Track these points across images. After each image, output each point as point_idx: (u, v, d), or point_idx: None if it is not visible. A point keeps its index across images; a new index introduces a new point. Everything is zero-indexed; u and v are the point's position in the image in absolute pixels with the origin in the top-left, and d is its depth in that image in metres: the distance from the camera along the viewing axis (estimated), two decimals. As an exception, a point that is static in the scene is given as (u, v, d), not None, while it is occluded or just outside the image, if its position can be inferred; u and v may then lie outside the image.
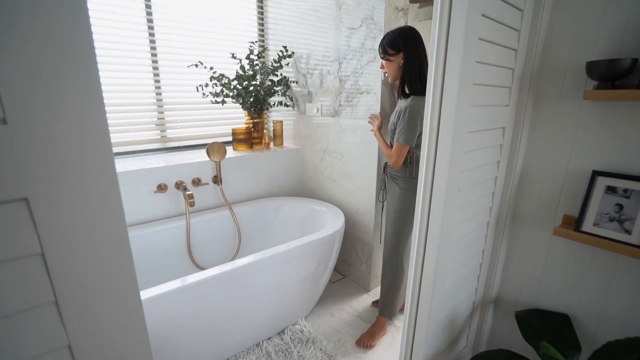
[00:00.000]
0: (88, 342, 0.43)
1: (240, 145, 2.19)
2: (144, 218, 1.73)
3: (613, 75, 0.94)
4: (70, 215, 0.38)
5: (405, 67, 1.34)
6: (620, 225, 0.98)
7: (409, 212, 1.49)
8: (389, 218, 1.57)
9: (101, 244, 0.43)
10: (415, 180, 1.46)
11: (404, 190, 1.48)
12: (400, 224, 1.52)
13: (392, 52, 1.34)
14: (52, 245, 0.37)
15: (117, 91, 1.85)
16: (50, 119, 0.35)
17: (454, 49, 0.81)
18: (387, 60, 1.38)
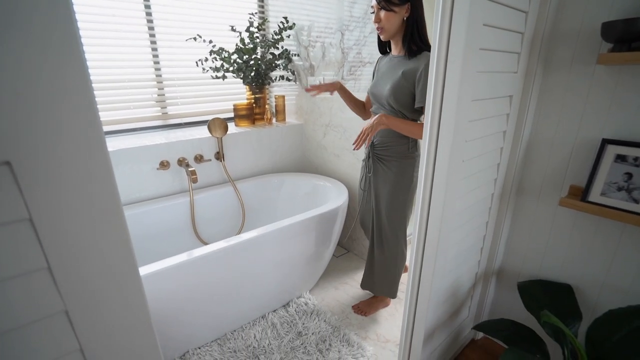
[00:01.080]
0: (82, 309, 0.44)
1: (242, 121, 2.17)
2: (148, 195, 1.74)
3: (630, 36, 0.89)
4: (57, 181, 0.38)
5: (415, 20, 1.17)
6: (629, 194, 0.96)
7: (406, 201, 1.37)
8: (380, 208, 1.41)
9: (92, 210, 0.42)
10: (413, 158, 1.32)
11: (399, 175, 1.32)
12: (398, 214, 1.39)
13: (397, 1, 1.13)
14: (40, 211, 0.37)
15: (115, 67, 1.81)
16: (32, 78, 0.34)
17: (459, 11, 0.77)
18: (389, 11, 1.14)
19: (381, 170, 1.37)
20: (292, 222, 1.49)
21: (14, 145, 0.33)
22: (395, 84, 1.21)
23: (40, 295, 0.38)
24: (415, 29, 1.17)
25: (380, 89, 1.29)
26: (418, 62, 1.17)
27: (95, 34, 1.71)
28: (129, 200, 1.69)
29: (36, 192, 0.35)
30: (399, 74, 1.21)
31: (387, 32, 1.20)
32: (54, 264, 0.38)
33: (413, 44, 1.19)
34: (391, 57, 1.31)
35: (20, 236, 0.36)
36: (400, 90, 1.21)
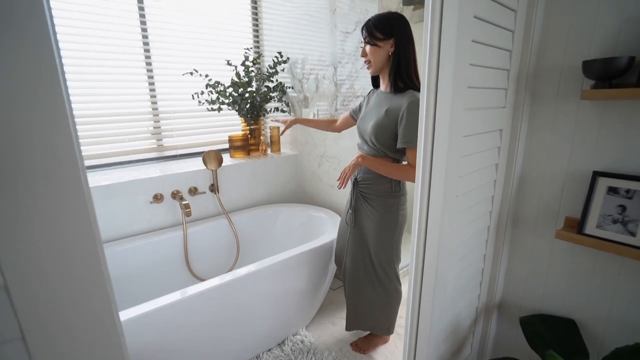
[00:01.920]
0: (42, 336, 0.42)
1: (237, 152, 2.18)
2: (140, 229, 1.71)
3: (609, 74, 0.92)
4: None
5: (400, 56, 1.15)
6: (624, 227, 0.96)
7: (393, 241, 1.33)
8: (365, 249, 1.37)
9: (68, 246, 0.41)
10: (397, 197, 1.27)
11: (383, 214, 1.27)
12: (385, 255, 1.35)
13: (380, 36, 1.13)
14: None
15: (111, 101, 1.84)
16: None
17: (446, 52, 0.80)
18: (373, 45, 1.15)
19: (365, 208, 1.33)
20: (288, 256, 1.46)
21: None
22: (378, 122, 1.19)
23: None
24: (402, 64, 1.16)
25: (364, 125, 1.27)
26: (402, 101, 1.14)
27: (92, 69, 1.75)
28: (121, 235, 1.66)
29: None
30: (382, 112, 1.18)
31: (373, 66, 1.20)
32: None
33: (399, 79, 1.17)
34: (379, 92, 1.30)
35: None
36: (383, 129, 1.18)
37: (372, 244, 1.37)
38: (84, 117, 1.76)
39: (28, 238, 0.39)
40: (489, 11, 0.88)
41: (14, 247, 0.38)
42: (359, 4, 1.66)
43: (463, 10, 0.78)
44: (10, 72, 0.36)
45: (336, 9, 1.79)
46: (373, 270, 1.41)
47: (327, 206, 2.12)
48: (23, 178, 0.38)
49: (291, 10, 2.08)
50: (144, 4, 1.86)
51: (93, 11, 1.69)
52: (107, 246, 1.58)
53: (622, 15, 0.93)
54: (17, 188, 0.37)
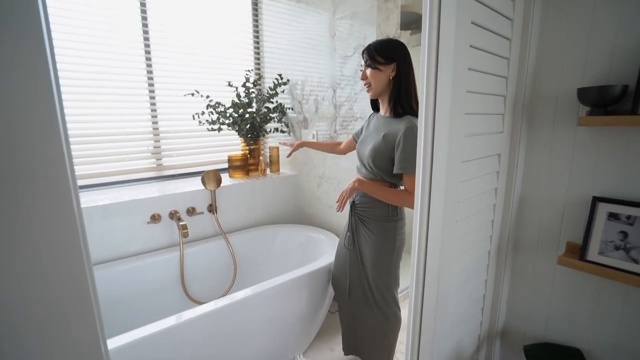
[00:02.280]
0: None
1: (237, 172, 2.18)
2: (137, 250, 1.69)
3: (604, 101, 0.93)
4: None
5: (400, 81, 1.16)
6: (627, 253, 0.94)
7: (391, 266, 1.30)
8: (362, 273, 1.34)
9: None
10: (394, 222, 1.26)
11: (380, 238, 1.26)
12: (383, 280, 1.31)
13: (382, 60, 1.15)
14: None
15: (113, 120, 1.85)
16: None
17: (443, 80, 0.81)
18: (375, 69, 1.16)
19: (363, 231, 1.32)
20: (286, 280, 1.43)
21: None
22: (376, 147, 1.19)
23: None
24: (402, 89, 1.17)
25: (363, 149, 1.27)
26: (399, 126, 1.14)
27: (94, 89, 1.77)
28: (116, 256, 1.64)
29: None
30: (380, 137, 1.18)
31: (373, 90, 1.21)
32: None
33: (399, 105, 1.18)
34: (379, 116, 1.30)
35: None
36: (380, 153, 1.18)
37: (369, 268, 1.35)
38: (85, 136, 1.78)
39: (11, 262, 0.38)
40: (484, 39, 0.90)
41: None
42: (358, 30, 1.70)
43: (459, 39, 0.80)
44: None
45: (335, 33, 1.83)
46: (371, 294, 1.38)
47: (326, 227, 2.10)
48: (10, 197, 0.37)
49: (292, 34, 2.13)
50: (148, 28, 1.91)
51: (98, 34, 1.73)
52: (102, 267, 1.55)
53: (614, 45, 0.95)
54: (4, 207, 0.36)
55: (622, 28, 0.94)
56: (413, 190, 1.09)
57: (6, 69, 0.35)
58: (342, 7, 1.76)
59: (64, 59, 1.65)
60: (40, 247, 0.40)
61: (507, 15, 0.98)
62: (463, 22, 0.80)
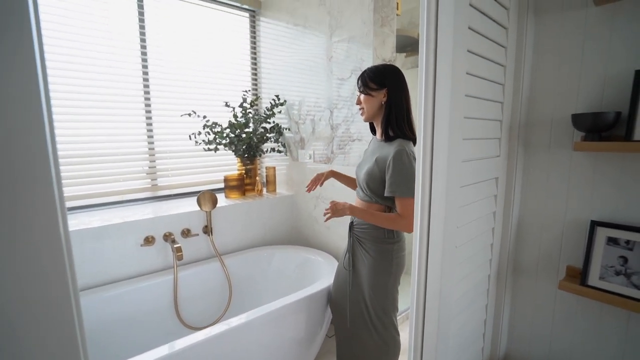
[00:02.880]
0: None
1: (233, 193, 2.16)
2: (129, 273, 1.65)
3: (599, 127, 0.95)
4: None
5: (391, 106, 1.19)
6: (628, 279, 0.94)
7: (387, 290, 1.28)
8: (360, 295, 1.32)
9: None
10: (390, 244, 1.25)
11: (376, 260, 1.25)
12: (380, 304, 1.29)
13: (374, 86, 1.19)
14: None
15: (109, 141, 1.84)
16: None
17: (441, 107, 0.82)
18: (367, 95, 1.21)
19: (360, 252, 1.32)
20: (283, 304, 1.39)
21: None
22: (369, 170, 1.21)
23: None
24: (392, 113, 1.19)
25: (359, 172, 1.29)
26: (390, 150, 1.16)
27: (91, 110, 1.77)
28: (108, 280, 1.59)
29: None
30: (373, 160, 1.21)
31: (366, 114, 1.25)
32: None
33: (390, 128, 1.20)
34: (375, 139, 1.32)
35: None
36: (373, 176, 1.20)
37: (367, 290, 1.32)
38: (79, 156, 1.76)
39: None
40: (480, 67, 0.92)
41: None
42: (354, 53, 1.73)
43: (456, 67, 0.81)
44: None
45: (332, 56, 1.87)
46: (369, 317, 1.35)
47: (324, 248, 2.07)
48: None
49: (290, 56, 2.17)
50: (146, 48, 1.93)
51: (96, 54, 1.74)
52: (93, 292, 1.51)
53: (605, 73, 0.98)
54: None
55: (612, 57, 0.96)
56: (404, 213, 1.12)
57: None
58: (339, 31, 1.80)
59: (58, 80, 1.65)
60: (23, 274, 0.38)
61: (501, 43, 1.00)
62: (460, 49, 0.82)
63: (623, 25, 0.94)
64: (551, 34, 1.07)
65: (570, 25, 1.03)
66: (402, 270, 1.34)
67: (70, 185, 1.73)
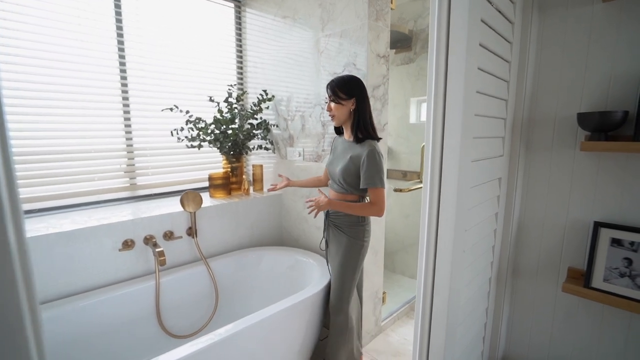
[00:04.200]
0: None
1: (218, 192, 2.06)
2: (106, 280, 1.52)
3: (606, 127, 0.93)
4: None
5: (359, 113, 1.36)
6: (632, 281, 0.93)
7: (357, 262, 1.44)
8: (334, 268, 1.48)
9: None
10: (363, 226, 1.43)
11: (351, 238, 1.42)
12: (348, 274, 1.43)
13: (344, 96, 1.35)
14: None
15: (82, 137, 1.70)
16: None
17: (453, 103, 0.77)
18: (337, 103, 1.37)
19: (337, 233, 1.48)
20: (274, 312, 1.32)
21: None
22: (345, 166, 1.37)
23: None
24: (360, 119, 1.36)
25: (333, 168, 1.45)
26: (362, 149, 1.33)
27: (62, 103, 1.62)
28: (82, 288, 1.46)
29: None
30: (347, 158, 1.37)
31: (337, 119, 1.41)
32: None
33: (359, 131, 1.36)
34: (344, 140, 1.47)
35: None
36: (348, 171, 1.37)
37: (336, 266, 1.46)
38: (48, 154, 1.61)
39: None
40: (490, 62, 0.88)
41: None
42: (347, 47, 1.67)
43: (470, 61, 0.76)
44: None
45: (323, 51, 1.79)
46: (337, 293, 1.47)
47: (313, 249, 2.01)
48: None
49: (278, 50, 2.08)
50: (123, 37, 1.79)
51: (67, 42, 1.60)
52: (67, 302, 1.38)
53: (611, 71, 0.96)
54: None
55: (618, 55, 0.95)
56: (376, 201, 1.32)
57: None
58: (331, 24, 1.73)
59: (24, 68, 1.50)
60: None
61: (508, 38, 0.97)
62: (473, 42, 0.77)
63: (631, 22, 0.92)
64: (556, 31, 1.04)
65: (575, 22, 1.00)
66: (367, 251, 1.48)
67: (39, 185, 1.59)
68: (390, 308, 2.10)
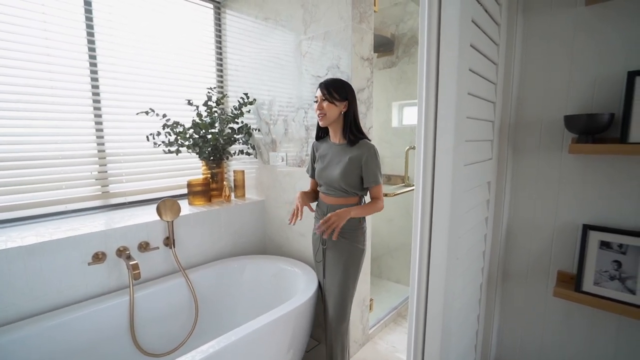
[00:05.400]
0: None
1: (197, 199, 1.97)
2: (74, 297, 1.40)
3: (593, 129, 0.93)
4: None
5: (350, 115, 1.38)
6: (622, 284, 0.92)
7: (359, 268, 1.42)
8: (335, 277, 1.42)
9: None
10: (362, 229, 1.42)
11: (353, 243, 1.40)
12: (350, 282, 1.41)
13: (338, 97, 1.35)
14: None
15: (48, 142, 1.58)
16: None
17: (445, 105, 0.74)
18: (331, 103, 1.35)
19: (337, 240, 1.42)
20: (258, 326, 1.25)
21: None
22: (345, 169, 1.36)
23: None
24: (352, 121, 1.37)
25: (330, 173, 1.41)
26: (361, 150, 1.35)
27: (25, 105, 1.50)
28: (47, 307, 1.34)
29: None
30: (346, 160, 1.36)
31: (327, 119, 1.38)
32: None
33: (351, 134, 1.37)
34: (332, 144, 1.44)
35: None
36: (350, 173, 1.36)
37: (339, 280, 1.41)
38: (11, 160, 1.48)
39: None
40: (479, 65, 0.85)
41: None
42: (331, 50, 1.63)
43: (461, 63, 0.74)
44: None
45: (306, 53, 1.75)
46: (338, 302, 1.42)
47: (297, 256, 1.95)
48: None
49: (258, 52, 2.02)
50: (94, 37, 1.69)
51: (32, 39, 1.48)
52: (32, 322, 1.26)
53: (596, 73, 0.96)
54: None
55: (603, 57, 0.95)
56: (379, 196, 1.37)
57: None
58: (314, 26, 1.69)
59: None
60: None
61: (495, 39, 0.95)
62: (464, 43, 0.74)
63: (614, 25, 0.92)
64: (540, 33, 1.04)
65: (559, 24, 1.01)
66: (365, 254, 1.46)
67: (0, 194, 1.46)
68: (378, 315, 2.07)
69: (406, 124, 2.54)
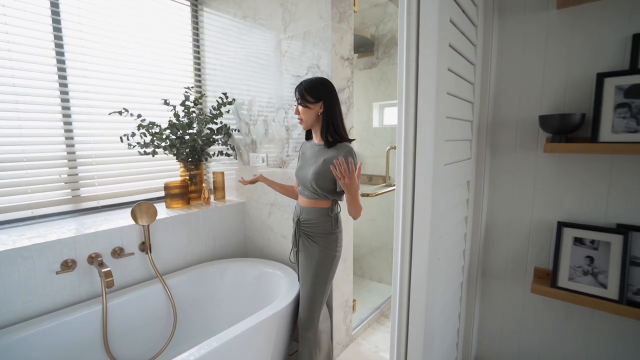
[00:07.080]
0: None
1: (175, 202, 1.90)
2: (41, 309, 1.32)
3: (566, 129, 0.95)
4: None
5: (328, 116, 1.32)
6: (595, 278, 0.95)
7: (329, 275, 1.38)
8: (305, 281, 1.40)
9: None
10: (335, 234, 1.37)
11: (324, 249, 1.36)
12: (319, 288, 1.37)
13: (311, 100, 1.31)
14: None
15: (10, 144, 1.48)
16: None
17: (425, 104, 0.73)
18: (305, 107, 1.32)
19: (308, 244, 1.41)
20: (239, 332, 1.22)
21: None
22: (318, 170, 1.32)
23: None
24: (330, 122, 1.32)
25: (304, 173, 1.38)
26: (337, 152, 1.30)
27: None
28: (11, 320, 1.26)
29: None
30: (320, 161, 1.32)
31: (304, 123, 1.36)
32: None
33: (329, 135, 1.32)
34: (313, 144, 1.42)
35: None
36: (323, 175, 1.31)
37: (309, 278, 1.38)
38: (-32, 164, 1.39)
39: None
40: (458, 64, 0.86)
41: None
42: (310, 49, 1.62)
43: (440, 62, 0.74)
44: None
45: (286, 53, 1.73)
46: (308, 304, 1.40)
47: (279, 258, 1.92)
48: None
49: (237, 51, 1.98)
50: (61, 33, 1.60)
51: (-9, 38, 1.39)
52: (-11, 337, 1.17)
53: (567, 75, 0.99)
54: None
55: (573, 59, 0.98)
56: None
57: None
58: (294, 25, 1.67)
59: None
60: None
61: (473, 40, 0.96)
62: (443, 43, 0.74)
63: (584, 28, 0.95)
64: (515, 35, 1.06)
65: (533, 27, 1.03)
66: (340, 259, 1.41)
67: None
68: (361, 315, 2.06)
69: (387, 124, 2.56)
